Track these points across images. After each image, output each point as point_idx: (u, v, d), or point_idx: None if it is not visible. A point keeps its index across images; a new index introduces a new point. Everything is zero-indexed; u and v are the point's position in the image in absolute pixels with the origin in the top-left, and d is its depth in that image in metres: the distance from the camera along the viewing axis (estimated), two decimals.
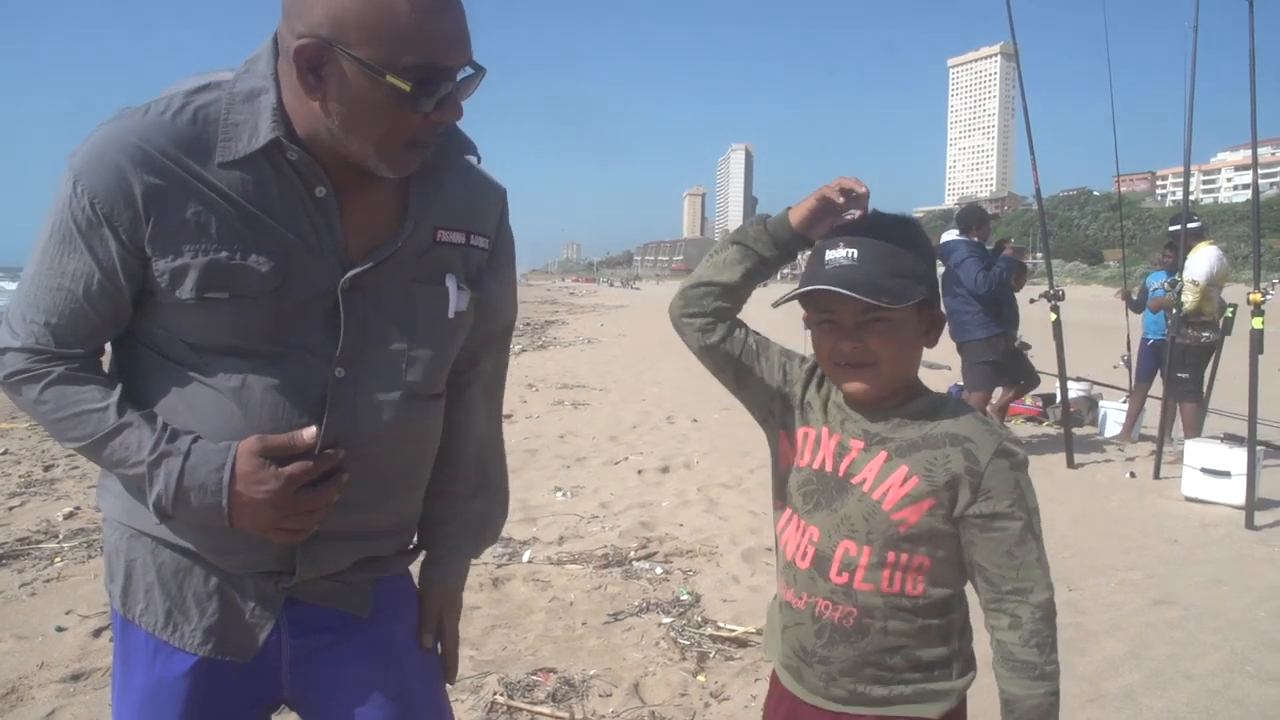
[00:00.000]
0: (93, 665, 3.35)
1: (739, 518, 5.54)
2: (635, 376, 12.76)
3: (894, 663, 1.49)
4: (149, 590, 1.38)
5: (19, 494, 5.84)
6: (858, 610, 1.48)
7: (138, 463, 1.27)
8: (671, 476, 6.67)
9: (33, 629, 3.70)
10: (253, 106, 1.27)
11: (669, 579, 4.42)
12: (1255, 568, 4.87)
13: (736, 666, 3.45)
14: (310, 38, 1.19)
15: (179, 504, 1.27)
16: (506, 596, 4.14)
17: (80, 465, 6.66)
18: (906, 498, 1.44)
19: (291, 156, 1.27)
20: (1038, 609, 1.43)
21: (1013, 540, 1.43)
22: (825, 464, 1.52)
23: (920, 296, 1.43)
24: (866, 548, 1.46)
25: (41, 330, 1.29)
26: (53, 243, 1.27)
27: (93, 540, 4.79)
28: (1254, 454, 5.77)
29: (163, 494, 1.26)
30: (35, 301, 1.29)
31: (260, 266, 1.26)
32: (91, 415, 1.28)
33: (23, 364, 1.30)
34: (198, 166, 1.25)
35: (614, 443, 7.86)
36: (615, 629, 3.78)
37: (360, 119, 1.23)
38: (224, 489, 1.25)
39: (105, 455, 1.29)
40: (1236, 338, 6.34)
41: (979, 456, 1.43)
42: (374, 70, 1.18)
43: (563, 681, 3.28)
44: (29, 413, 1.34)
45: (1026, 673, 1.42)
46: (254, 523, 1.28)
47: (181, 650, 1.37)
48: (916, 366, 1.52)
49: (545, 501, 5.80)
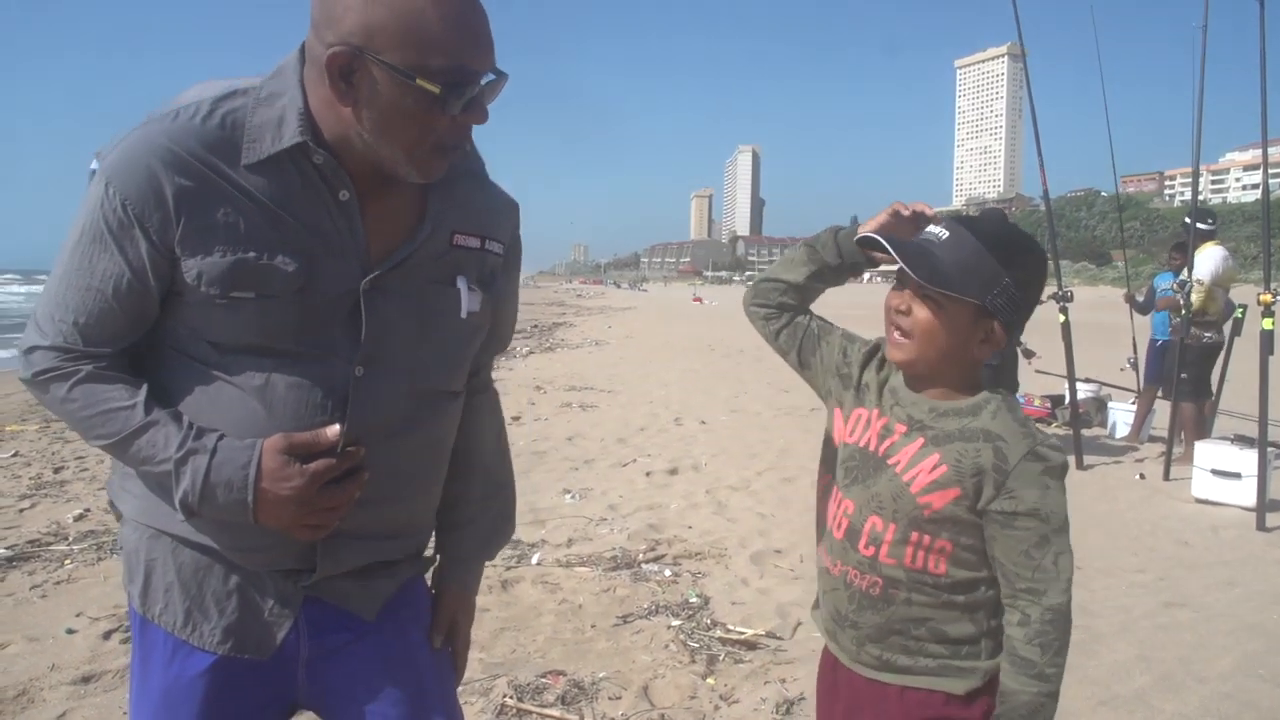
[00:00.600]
0: (103, 667, 3.36)
1: (748, 520, 5.53)
2: (643, 378, 12.76)
3: (919, 634, 1.55)
4: (169, 590, 1.39)
5: (29, 496, 5.85)
6: (883, 581, 1.56)
7: (164, 460, 1.28)
8: (680, 479, 6.67)
9: (43, 631, 3.71)
10: (278, 111, 1.30)
11: (678, 581, 4.41)
12: (1266, 570, 4.85)
13: (746, 669, 3.44)
14: (342, 46, 1.22)
15: (205, 501, 1.28)
16: (516, 599, 4.14)
17: (90, 467, 6.69)
18: (933, 484, 1.51)
19: (318, 160, 1.30)
20: (1048, 611, 1.46)
21: (1031, 542, 1.47)
22: (869, 443, 1.60)
23: (968, 296, 1.47)
24: (892, 525, 1.54)
25: (70, 329, 1.30)
26: (83, 243, 1.29)
27: (103, 542, 4.80)
28: (1264, 455, 5.74)
29: (189, 491, 1.27)
30: (64, 301, 1.30)
31: (286, 267, 1.29)
32: (119, 413, 1.29)
33: (51, 362, 1.31)
34: (226, 169, 1.28)
35: (622, 445, 7.85)
36: (624, 631, 3.78)
37: (392, 123, 1.26)
38: (250, 486, 1.27)
39: (131, 453, 1.30)
40: (1247, 338, 6.32)
41: (1008, 455, 1.47)
42: (404, 75, 1.22)
43: (572, 684, 3.28)
44: (55, 411, 1.35)
45: (1025, 669, 1.46)
46: (278, 519, 1.29)
47: (200, 649, 1.38)
48: (957, 364, 1.54)
49: (554, 504, 5.80)
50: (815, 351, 1.71)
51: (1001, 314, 1.50)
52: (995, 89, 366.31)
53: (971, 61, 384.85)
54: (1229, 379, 7.33)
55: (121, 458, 1.34)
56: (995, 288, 1.47)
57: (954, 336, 1.51)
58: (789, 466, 7.04)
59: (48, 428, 8.36)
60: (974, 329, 1.51)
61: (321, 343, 1.33)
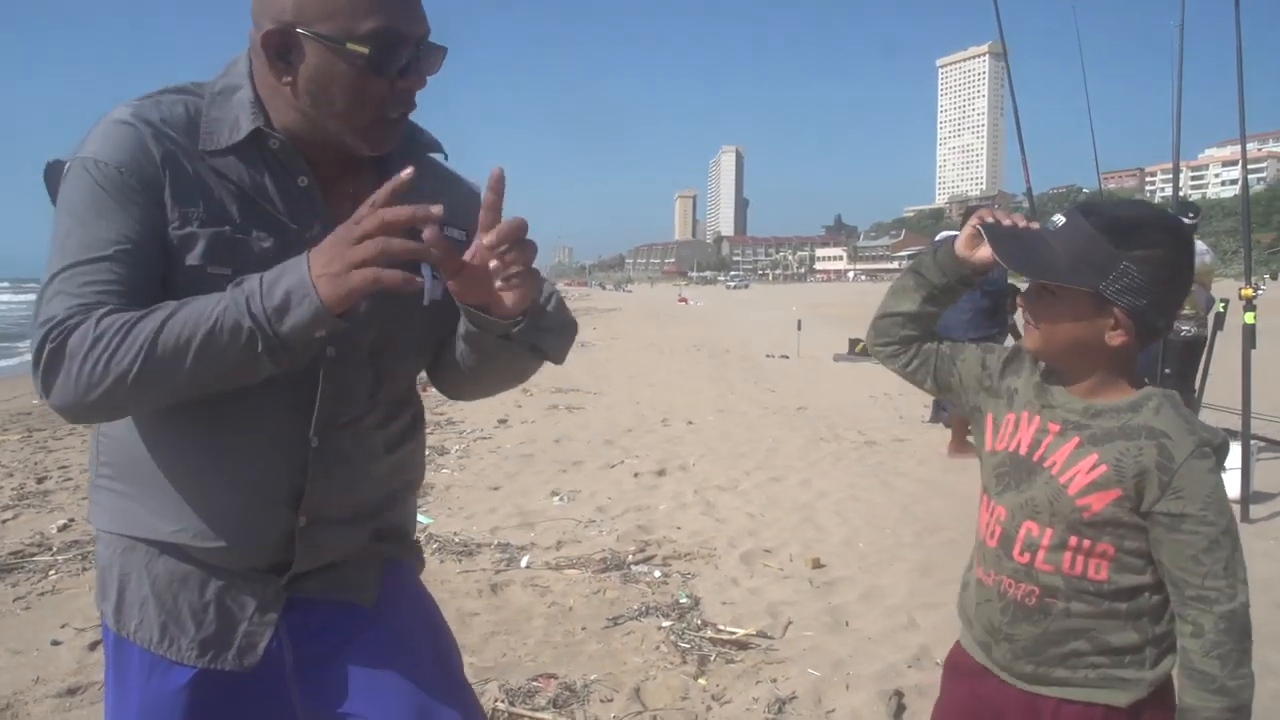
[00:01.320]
0: (89, 679, 3.33)
1: (736, 519, 5.53)
2: (629, 379, 12.75)
3: (1078, 645, 1.47)
4: (143, 605, 1.37)
5: (12, 506, 5.79)
6: (1039, 590, 1.49)
7: (217, 303, 1.17)
8: (668, 479, 6.66)
9: (27, 643, 3.67)
10: (231, 103, 1.33)
11: (667, 582, 4.40)
12: (1252, 561, 4.82)
13: (737, 669, 3.44)
14: (273, 24, 1.26)
15: (269, 298, 1.17)
16: (505, 602, 4.13)
17: (74, 477, 6.63)
18: (1092, 485, 1.44)
19: (273, 144, 1.31)
20: (1221, 619, 1.38)
21: (1200, 546, 1.39)
22: (1020, 446, 1.54)
23: (1079, 285, 1.43)
24: (1049, 530, 1.48)
25: (78, 303, 1.20)
26: (80, 222, 1.24)
27: (87, 553, 4.76)
28: (1248, 448, 5.78)
29: (254, 292, 1.17)
30: (71, 281, 1.21)
31: (262, 242, 1.30)
32: (151, 314, 1.18)
33: (71, 314, 1.19)
34: (193, 150, 1.30)
35: (610, 446, 7.84)
36: (615, 633, 3.77)
37: (329, 93, 1.28)
38: (302, 260, 1.18)
39: (176, 330, 1.17)
40: (1229, 332, 6.36)
41: (1174, 454, 1.40)
42: (334, 41, 1.25)
43: (564, 687, 3.26)
44: (81, 378, 1.18)
45: (1204, 684, 1.38)
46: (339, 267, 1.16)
47: (179, 663, 1.36)
48: (1091, 356, 1.49)
49: (542, 506, 5.78)
50: (952, 373, 1.68)
51: (1124, 299, 1.42)
52: (977, 87, 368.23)
53: (953, 60, 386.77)
54: (1212, 373, 7.37)
55: (164, 361, 1.17)
56: (1111, 272, 1.42)
57: (1076, 327, 1.46)
58: (777, 465, 7.04)
59: (30, 437, 8.30)
60: (1098, 318, 1.45)
61: None
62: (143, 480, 1.36)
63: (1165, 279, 1.45)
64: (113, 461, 1.40)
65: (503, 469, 6.96)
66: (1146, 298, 1.43)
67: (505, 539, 5.01)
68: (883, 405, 10.43)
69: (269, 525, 1.36)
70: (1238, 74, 5.94)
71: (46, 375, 1.20)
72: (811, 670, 3.41)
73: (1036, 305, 1.50)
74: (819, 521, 5.50)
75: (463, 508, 5.70)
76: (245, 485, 1.34)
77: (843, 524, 5.44)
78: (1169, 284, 1.46)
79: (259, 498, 1.35)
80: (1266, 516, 5.69)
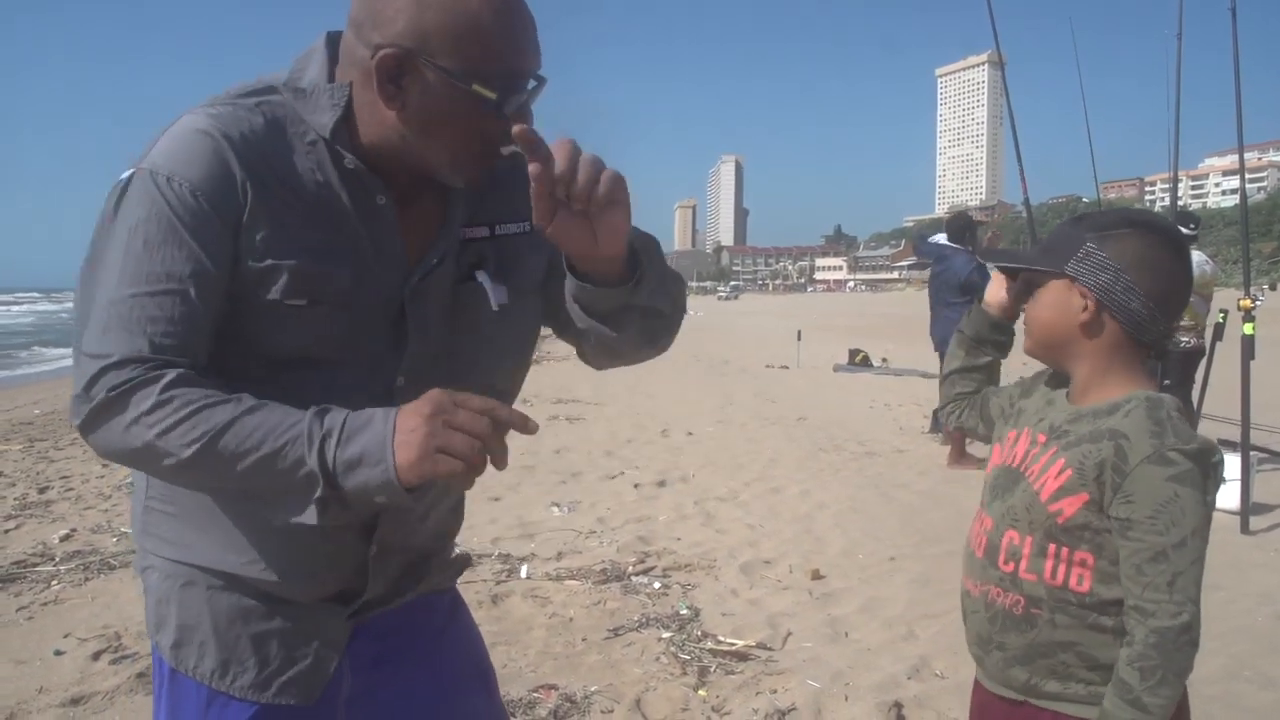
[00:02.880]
0: (92, 689, 3.34)
1: (736, 531, 5.54)
2: (629, 390, 12.76)
3: (1067, 659, 1.46)
4: (204, 642, 1.32)
5: (14, 516, 5.81)
6: (1025, 600, 1.50)
7: (290, 427, 1.12)
8: (668, 490, 6.67)
9: (30, 653, 3.68)
10: (312, 113, 1.26)
11: (668, 593, 4.41)
12: (1252, 572, 4.89)
13: (737, 680, 3.45)
14: (393, 48, 1.19)
15: (343, 446, 1.11)
16: (506, 613, 4.14)
17: (75, 487, 6.65)
18: (1061, 490, 1.45)
19: (350, 165, 1.26)
20: (1153, 633, 1.35)
21: (1145, 555, 1.37)
22: (1014, 458, 1.57)
23: (1047, 267, 1.52)
24: (1029, 538, 1.49)
25: (146, 341, 1.14)
26: (145, 247, 1.16)
27: (89, 563, 4.77)
28: (1247, 459, 5.79)
29: (330, 434, 1.11)
30: (132, 315, 1.14)
31: (339, 272, 1.24)
32: (224, 404, 1.13)
33: (130, 373, 1.12)
34: (274, 164, 1.23)
35: (610, 457, 7.85)
36: (615, 644, 3.78)
37: (441, 128, 1.23)
38: (389, 415, 1.12)
39: (242, 437, 1.11)
40: (1228, 343, 6.38)
41: (1129, 456, 1.39)
42: (459, 79, 1.19)
43: (564, 698, 3.27)
44: (129, 434, 1.12)
45: (1122, 693, 1.36)
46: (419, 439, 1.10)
47: (239, 699, 1.31)
48: (1071, 347, 1.52)
49: (542, 517, 5.80)
50: (988, 412, 1.74)
51: (1086, 276, 1.47)
52: (976, 97, 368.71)
53: (952, 70, 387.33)
54: (1212, 384, 7.39)
55: (218, 460, 1.12)
56: (1075, 253, 1.48)
57: (1052, 313, 1.52)
58: (777, 476, 7.05)
59: (31, 447, 8.31)
60: (1069, 301, 1.50)
61: (365, 351, 1.29)
62: (208, 511, 1.30)
63: (1130, 256, 1.46)
64: (168, 494, 1.33)
65: (503, 479, 6.96)
66: (1107, 272, 1.46)
67: (506, 550, 5.02)
68: (882, 416, 10.44)
69: (345, 556, 1.35)
70: (1235, 85, 5.97)
71: (94, 417, 1.14)
72: (811, 681, 3.42)
73: (1027, 303, 1.58)
74: (818, 533, 5.51)
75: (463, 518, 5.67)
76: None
77: (842, 535, 5.45)
78: (1137, 262, 1.46)
79: (338, 530, 1.32)
80: (1267, 528, 5.70)
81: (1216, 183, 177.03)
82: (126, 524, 5.51)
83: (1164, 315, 1.49)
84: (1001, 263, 1.62)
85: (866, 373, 15.64)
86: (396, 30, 1.19)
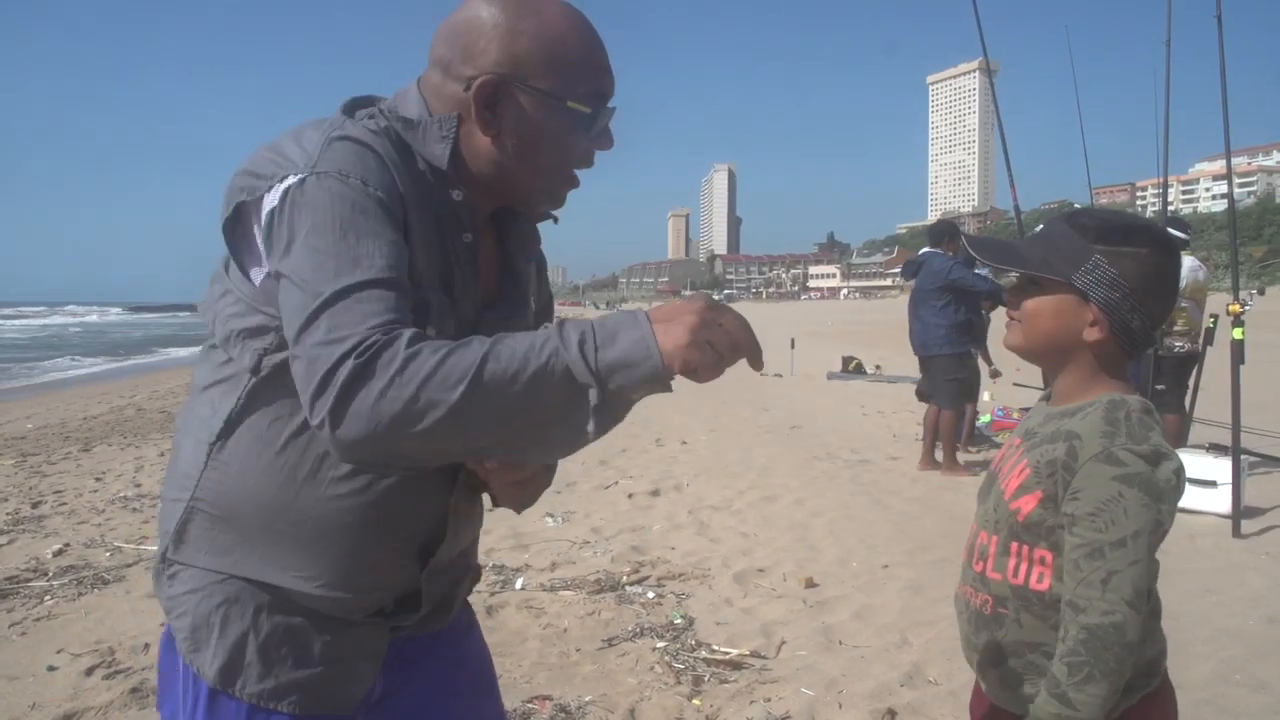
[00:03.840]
0: (85, 704, 3.33)
1: (730, 539, 5.55)
2: None
3: (1035, 660, 1.47)
4: (248, 665, 1.30)
5: (7, 531, 5.80)
6: (992, 599, 1.52)
7: (543, 339, 1.11)
8: (662, 500, 6.68)
9: (23, 669, 3.67)
10: (423, 144, 1.29)
11: (662, 603, 4.42)
12: (1243, 576, 4.91)
13: (731, 689, 3.45)
14: (490, 75, 1.26)
15: (605, 347, 1.11)
16: (500, 625, 4.14)
17: (69, 502, 6.64)
18: (1020, 487, 1.49)
19: (457, 197, 1.30)
20: (1083, 630, 1.35)
21: (1083, 552, 1.38)
22: (997, 462, 1.61)
23: (1053, 275, 1.47)
24: (995, 537, 1.52)
25: (374, 319, 1.10)
26: (349, 240, 1.15)
27: (83, 578, 4.76)
28: (1239, 463, 5.82)
29: (586, 338, 1.11)
30: (353, 303, 1.11)
31: (439, 298, 1.27)
32: (465, 343, 1.10)
33: (368, 344, 1.07)
34: (408, 184, 1.25)
35: (603, 467, 7.85)
36: (610, 654, 3.79)
37: (538, 148, 1.30)
38: (639, 317, 1.14)
39: (504, 362, 1.08)
40: (1218, 347, 6.41)
41: (1079, 454, 1.41)
42: (555, 99, 1.27)
43: (559, 709, 3.28)
44: (385, 402, 1.04)
45: (1050, 687, 1.38)
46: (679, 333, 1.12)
47: (279, 712, 1.31)
48: (1068, 356, 1.52)
49: (536, 528, 5.79)
50: None
51: (1098, 293, 1.45)
52: (968, 104, 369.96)
53: (943, 77, 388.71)
54: (1204, 387, 7.42)
55: (486, 400, 1.07)
56: (1082, 265, 1.45)
57: (1056, 322, 1.49)
58: (771, 485, 7.06)
59: (24, 462, 8.30)
60: (1075, 313, 1.48)
61: None
62: (264, 522, 1.28)
63: (1140, 277, 1.46)
64: (222, 497, 1.30)
65: None
66: (1119, 292, 1.45)
67: (500, 560, 5.02)
68: (876, 423, 10.46)
69: (399, 574, 1.37)
70: (1221, 92, 6.01)
71: (343, 398, 1.05)
72: (805, 690, 3.43)
73: (1018, 298, 1.54)
74: (812, 541, 5.52)
75: None
76: (392, 537, 1.33)
77: (836, 543, 5.46)
78: (1145, 284, 1.46)
79: (403, 550, 1.35)
80: (1258, 531, 5.72)
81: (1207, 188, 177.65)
82: (120, 538, 5.51)
83: (1156, 330, 1.53)
84: (998, 262, 1.55)
85: (860, 380, 15.66)
86: (490, 60, 1.26)
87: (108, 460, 8.44)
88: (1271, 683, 3.50)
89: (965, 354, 7.54)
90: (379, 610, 1.38)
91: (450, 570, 1.46)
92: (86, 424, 11.38)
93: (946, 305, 7.45)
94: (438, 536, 1.38)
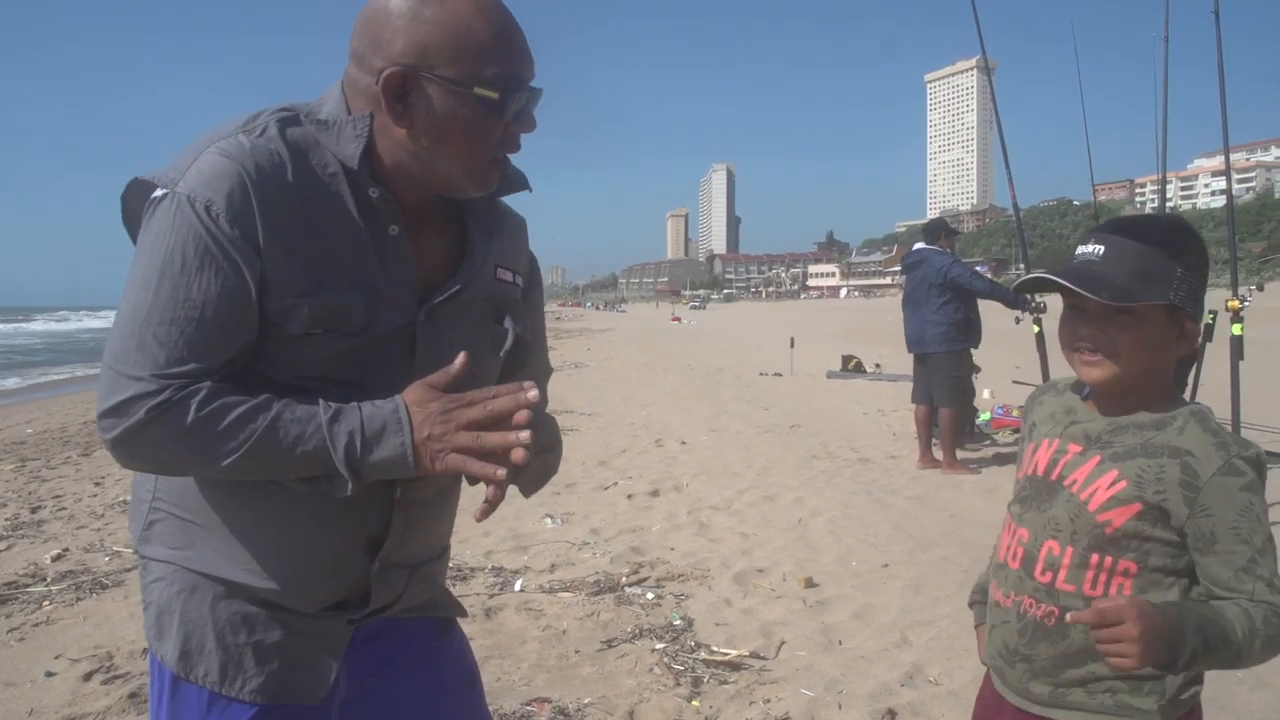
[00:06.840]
0: (84, 710, 3.32)
1: (730, 540, 5.54)
2: (622, 400, 12.77)
3: (1095, 668, 1.46)
4: (206, 650, 1.34)
5: (5, 537, 5.78)
6: (1059, 610, 1.49)
7: (314, 430, 1.22)
8: (661, 500, 6.67)
9: (21, 675, 3.66)
10: (335, 142, 1.30)
11: (661, 604, 4.41)
12: None
13: (730, 690, 3.45)
14: (396, 67, 1.25)
15: (366, 451, 1.24)
16: (499, 626, 4.13)
17: (68, 506, 6.63)
18: (1113, 499, 1.45)
19: (373, 194, 1.31)
20: (1274, 613, 1.36)
21: (1239, 565, 1.39)
22: (1039, 469, 1.57)
23: (1157, 299, 1.42)
24: (1070, 548, 1.49)
25: (178, 362, 1.20)
26: (176, 269, 1.21)
27: (81, 583, 4.76)
28: None
29: (352, 442, 1.23)
30: (165, 336, 1.20)
31: (356, 304, 1.29)
32: (254, 412, 1.21)
33: (164, 396, 1.19)
34: (296, 193, 1.27)
35: (603, 467, 7.85)
36: (609, 656, 3.78)
37: (450, 137, 1.29)
38: (403, 419, 1.25)
39: (277, 441, 1.22)
40: (1218, 343, 6.40)
41: (1199, 471, 1.40)
42: (461, 85, 1.26)
43: (558, 711, 3.27)
44: (173, 446, 1.21)
45: (1241, 620, 1.35)
46: (440, 447, 1.26)
47: (239, 700, 1.34)
48: (1162, 370, 1.50)
49: (536, 529, 5.79)
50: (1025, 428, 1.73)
51: (1188, 307, 1.45)
52: (966, 102, 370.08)
53: (941, 75, 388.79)
54: (1202, 383, 7.41)
55: (258, 462, 1.22)
56: (1174, 281, 1.43)
57: (1158, 343, 1.46)
58: (770, 485, 7.06)
59: (23, 467, 8.29)
60: (1169, 326, 1.46)
61: (380, 372, 1.33)
62: (216, 520, 1.33)
63: (1202, 276, 1.48)
64: (176, 498, 1.36)
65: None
66: (1196, 301, 1.46)
67: (499, 563, 5.01)
68: (875, 422, 10.45)
69: (349, 569, 1.38)
70: (1219, 88, 6.01)
71: (131, 435, 1.20)
72: (805, 690, 3.42)
73: (1110, 332, 1.46)
74: (812, 540, 5.51)
75: (456, 532, 5.59)
76: (335, 533, 1.35)
77: (836, 543, 5.45)
78: (1204, 281, 1.49)
79: (346, 544, 1.37)
80: None
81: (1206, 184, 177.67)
82: (119, 543, 5.50)
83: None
84: (1100, 294, 1.42)
85: (860, 379, 15.65)
86: (396, 50, 1.26)
87: (107, 465, 8.42)
88: (1273, 680, 3.49)
89: (963, 351, 7.54)
90: (338, 604, 1.40)
91: (408, 566, 1.47)
92: (86, 429, 11.36)
93: (947, 303, 7.44)
94: (384, 531, 1.40)
